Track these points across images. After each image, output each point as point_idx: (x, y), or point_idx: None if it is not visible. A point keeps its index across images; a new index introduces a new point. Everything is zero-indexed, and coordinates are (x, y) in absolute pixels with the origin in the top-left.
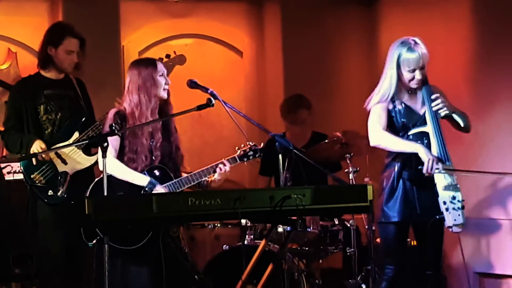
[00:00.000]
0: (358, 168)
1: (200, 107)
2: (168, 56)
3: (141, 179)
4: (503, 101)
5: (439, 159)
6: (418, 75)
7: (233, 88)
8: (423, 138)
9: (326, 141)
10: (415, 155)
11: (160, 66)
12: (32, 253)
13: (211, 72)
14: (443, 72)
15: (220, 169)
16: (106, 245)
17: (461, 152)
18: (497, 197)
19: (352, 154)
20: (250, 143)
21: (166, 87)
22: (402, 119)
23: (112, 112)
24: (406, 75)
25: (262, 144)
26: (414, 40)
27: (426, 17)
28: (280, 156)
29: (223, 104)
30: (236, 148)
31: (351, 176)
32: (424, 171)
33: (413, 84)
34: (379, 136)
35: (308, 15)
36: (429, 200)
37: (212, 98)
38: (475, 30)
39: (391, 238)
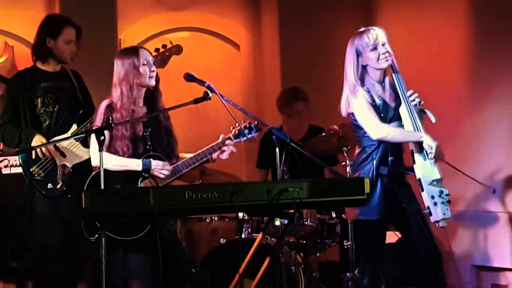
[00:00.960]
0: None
1: (197, 100)
2: (164, 46)
3: (135, 164)
4: (500, 95)
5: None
6: (382, 49)
7: (230, 81)
8: None
9: (323, 134)
10: (391, 151)
11: (143, 53)
12: (30, 247)
13: (208, 65)
14: (439, 66)
15: (227, 149)
16: (103, 239)
17: (459, 146)
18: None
19: (349, 147)
20: (244, 121)
21: (152, 74)
22: (381, 114)
23: (103, 105)
24: (371, 56)
25: (256, 122)
26: (362, 28)
27: (422, 12)
28: (277, 149)
29: (220, 97)
30: (231, 127)
31: (348, 169)
32: (432, 157)
33: (382, 62)
34: (381, 128)
35: (305, 8)
36: (410, 194)
37: (209, 91)
38: (471, 25)
39: (371, 236)
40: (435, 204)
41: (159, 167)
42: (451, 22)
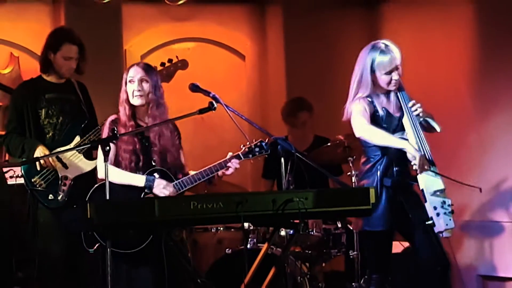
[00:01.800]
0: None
1: (202, 111)
2: (170, 60)
3: (138, 180)
4: (505, 105)
5: (429, 161)
6: (395, 76)
7: (235, 91)
8: None
9: (329, 144)
10: (395, 162)
11: (131, 71)
12: (33, 257)
13: (213, 76)
14: (445, 78)
15: (232, 166)
16: (108, 250)
17: (465, 156)
18: (500, 199)
19: (354, 157)
20: (255, 140)
21: (137, 93)
22: (384, 125)
23: (109, 120)
24: (384, 79)
25: (267, 139)
26: (384, 43)
27: (428, 21)
28: (282, 159)
29: (225, 107)
30: (242, 146)
31: (353, 179)
32: (416, 167)
33: (391, 86)
34: (365, 128)
35: (310, 18)
36: (416, 205)
37: (214, 102)
38: (476, 37)
39: (376, 246)
40: (438, 214)
41: (161, 186)
42: (457, 34)
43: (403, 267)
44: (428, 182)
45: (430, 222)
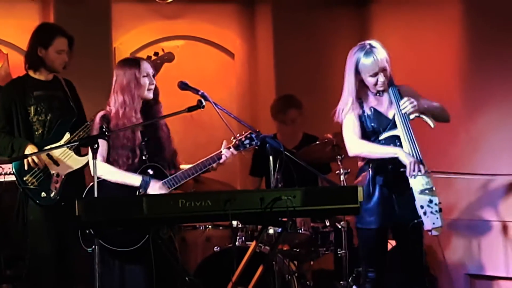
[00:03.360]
0: (349, 170)
1: (190, 109)
2: (156, 54)
3: (134, 179)
4: (495, 103)
5: (420, 162)
6: (381, 77)
7: (224, 89)
8: (395, 141)
9: (317, 142)
10: (389, 160)
11: (144, 66)
12: (23, 255)
13: (202, 74)
14: (435, 73)
15: (226, 157)
16: (97, 247)
17: (456, 153)
18: (488, 198)
19: (343, 155)
20: (245, 132)
21: (151, 87)
22: (372, 124)
23: (98, 116)
24: (369, 80)
25: (258, 130)
26: (370, 44)
27: (417, 19)
28: (270, 157)
29: (214, 105)
30: (232, 138)
31: (342, 177)
32: (408, 174)
33: (378, 87)
34: (357, 145)
35: (300, 16)
36: (408, 203)
37: (203, 100)
38: (466, 32)
39: (371, 243)
40: (425, 213)
41: (157, 187)
42: (446, 33)
43: (392, 265)
44: (416, 180)
45: (419, 220)
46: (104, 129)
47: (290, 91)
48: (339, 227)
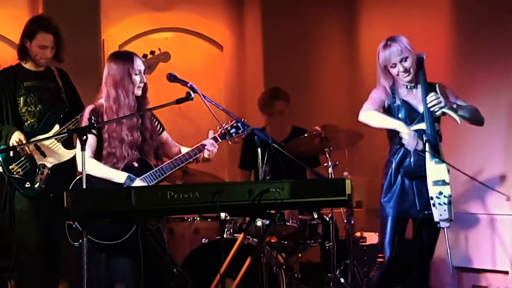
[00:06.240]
0: (337, 162)
1: (179, 101)
2: (152, 52)
3: (119, 176)
4: (481, 97)
5: (436, 152)
6: (400, 67)
7: (213, 81)
8: (422, 135)
9: (306, 135)
10: (412, 153)
11: (137, 63)
12: (10, 245)
13: (191, 66)
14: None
15: (208, 150)
16: (85, 239)
17: (444, 148)
18: (476, 191)
19: (331, 148)
20: (231, 121)
21: (141, 85)
22: (399, 115)
23: (88, 109)
24: (393, 71)
25: (244, 120)
26: (390, 37)
27: (405, 11)
28: (259, 150)
29: (203, 97)
30: (218, 127)
31: (330, 170)
32: (406, 144)
33: (402, 77)
34: (364, 113)
35: (288, 8)
36: (427, 195)
37: (191, 92)
38: (454, 24)
39: (386, 231)
40: (433, 205)
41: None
42: (434, 26)
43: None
44: (430, 171)
45: (429, 212)
46: (92, 121)
47: (279, 83)
48: (327, 219)
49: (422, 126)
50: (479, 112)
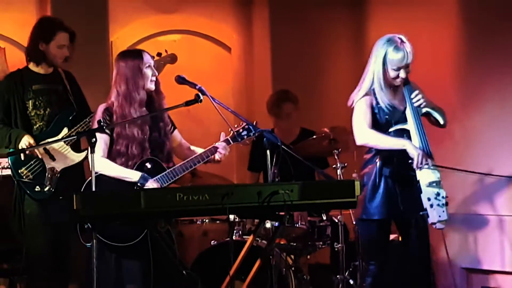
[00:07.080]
0: (345, 164)
1: (188, 103)
2: (159, 54)
3: (133, 175)
4: (490, 98)
5: (428, 155)
6: (402, 73)
7: (221, 84)
8: (403, 135)
9: (314, 137)
10: (397, 152)
11: (146, 57)
12: (20, 248)
13: (199, 68)
14: (430, 69)
15: (220, 153)
16: (94, 241)
17: (450, 149)
18: (484, 192)
19: (340, 149)
20: (242, 123)
21: (153, 78)
22: (385, 116)
23: (101, 108)
24: (391, 73)
25: (255, 122)
26: (400, 38)
27: (413, 14)
28: (268, 152)
29: (211, 99)
30: (229, 129)
31: (339, 171)
32: (415, 166)
33: (397, 82)
34: (365, 135)
35: (296, 11)
36: (411, 196)
37: (200, 94)
38: (462, 27)
39: (373, 235)
40: (431, 206)
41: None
42: (442, 29)
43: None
44: (424, 173)
45: (424, 213)
46: (102, 123)
47: (286, 85)
48: (336, 221)
49: (404, 126)
50: (445, 114)
